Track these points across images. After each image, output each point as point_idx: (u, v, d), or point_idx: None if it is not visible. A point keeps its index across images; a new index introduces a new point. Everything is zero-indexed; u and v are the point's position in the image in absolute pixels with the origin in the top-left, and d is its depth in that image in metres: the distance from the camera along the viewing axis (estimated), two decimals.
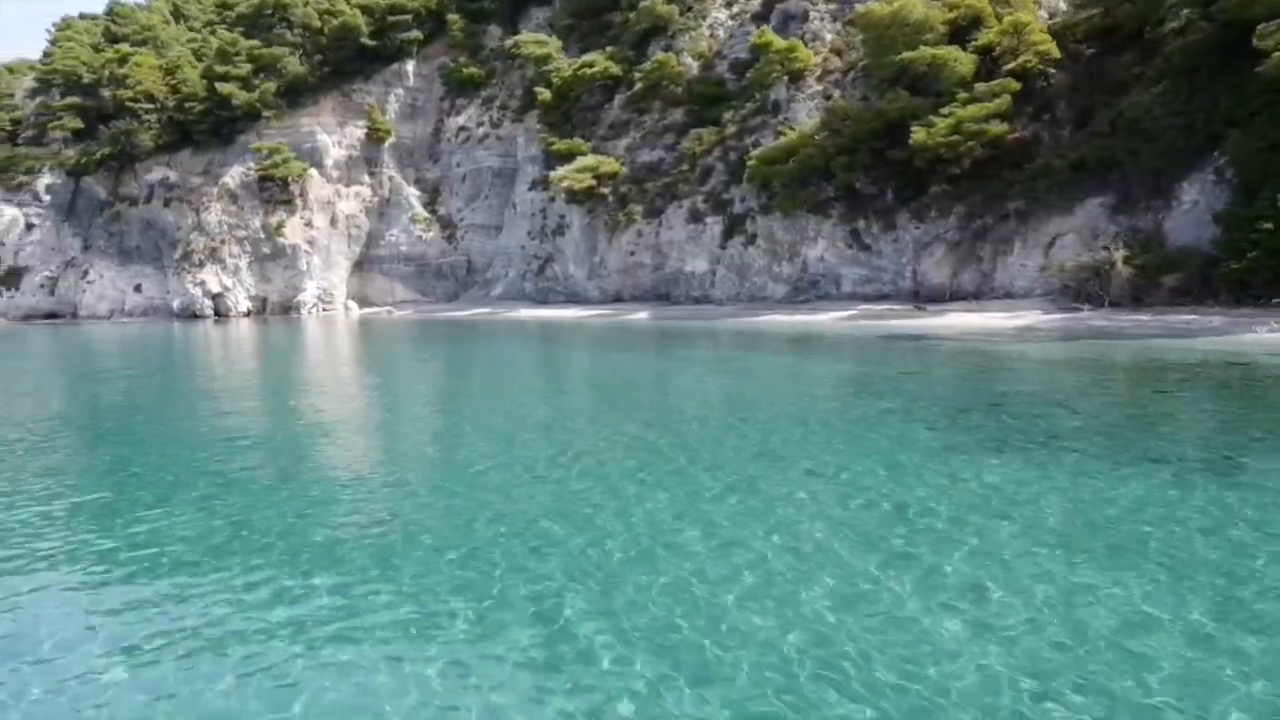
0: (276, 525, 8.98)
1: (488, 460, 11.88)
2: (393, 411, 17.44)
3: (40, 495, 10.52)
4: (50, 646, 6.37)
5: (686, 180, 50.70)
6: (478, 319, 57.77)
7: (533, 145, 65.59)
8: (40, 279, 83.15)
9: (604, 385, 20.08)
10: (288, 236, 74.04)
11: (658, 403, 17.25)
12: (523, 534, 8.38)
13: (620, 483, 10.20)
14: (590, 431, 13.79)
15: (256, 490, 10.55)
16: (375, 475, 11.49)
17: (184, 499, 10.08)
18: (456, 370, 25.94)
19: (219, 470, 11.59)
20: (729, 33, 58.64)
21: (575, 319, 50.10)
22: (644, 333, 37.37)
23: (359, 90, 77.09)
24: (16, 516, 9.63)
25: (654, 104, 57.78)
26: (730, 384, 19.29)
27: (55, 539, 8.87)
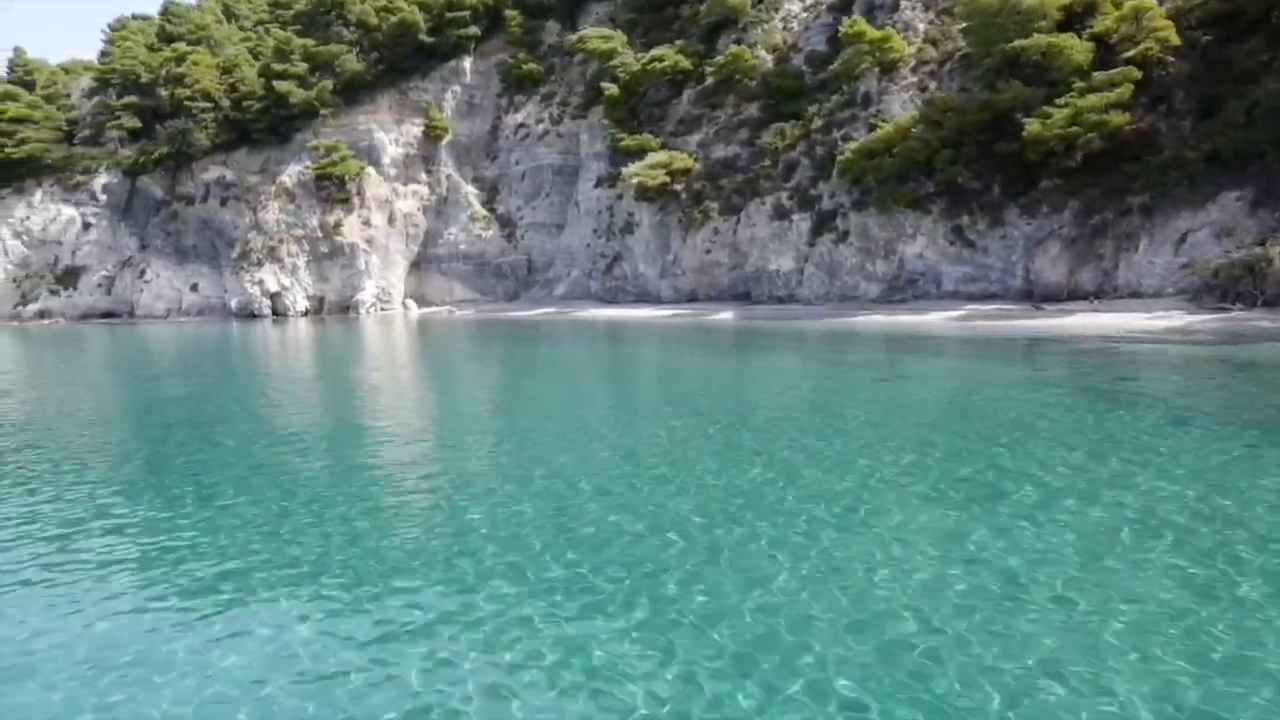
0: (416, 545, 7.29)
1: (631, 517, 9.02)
2: (491, 430, 15.10)
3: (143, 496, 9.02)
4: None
5: (768, 176, 48.77)
6: (544, 319, 56.13)
7: (597, 142, 63.91)
8: (97, 278, 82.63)
9: (757, 401, 17.47)
10: (345, 235, 72.89)
11: (867, 423, 15.18)
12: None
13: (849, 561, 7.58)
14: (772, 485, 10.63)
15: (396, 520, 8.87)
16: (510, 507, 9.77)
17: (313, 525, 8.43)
18: (545, 379, 23.65)
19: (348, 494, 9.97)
20: (803, 25, 56.65)
21: (652, 319, 48.30)
22: (744, 334, 35.48)
23: (416, 88, 75.78)
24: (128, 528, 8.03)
25: (727, 98, 55.89)
26: (922, 393, 17.38)
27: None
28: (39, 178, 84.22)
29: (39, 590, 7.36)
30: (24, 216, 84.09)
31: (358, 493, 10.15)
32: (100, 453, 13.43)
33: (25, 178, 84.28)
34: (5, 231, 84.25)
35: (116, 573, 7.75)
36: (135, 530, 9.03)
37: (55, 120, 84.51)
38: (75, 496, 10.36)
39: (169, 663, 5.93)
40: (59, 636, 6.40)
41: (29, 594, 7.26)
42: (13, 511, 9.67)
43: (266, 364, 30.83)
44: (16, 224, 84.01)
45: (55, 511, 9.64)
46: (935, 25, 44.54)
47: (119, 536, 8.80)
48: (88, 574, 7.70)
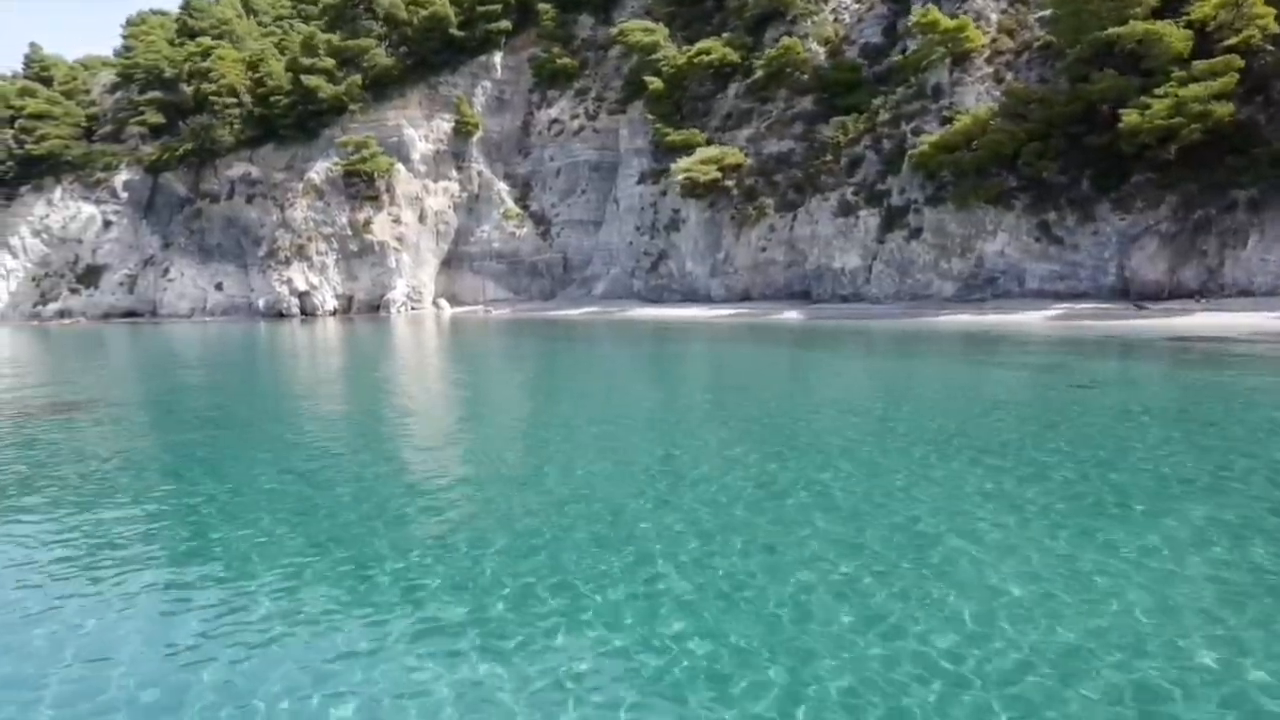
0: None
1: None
2: (564, 457, 12.64)
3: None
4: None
5: (830, 171, 46.65)
6: (588, 319, 53.91)
7: (638, 137, 61.73)
8: (119, 277, 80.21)
9: (964, 426, 13.20)
10: (375, 233, 70.60)
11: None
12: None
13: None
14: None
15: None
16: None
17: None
18: (622, 390, 21.24)
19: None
20: (856, 17, 54.56)
21: (708, 319, 46.15)
22: (830, 335, 33.29)
23: (445, 83, 73.45)
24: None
25: (778, 92, 53.74)
26: (1177, 405, 15.24)
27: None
28: (59, 175, 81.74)
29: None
30: (43, 214, 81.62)
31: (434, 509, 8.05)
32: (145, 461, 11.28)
33: (44, 175, 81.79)
34: (24, 230, 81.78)
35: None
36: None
37: (75, 116, 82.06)
38: (140, 518, 8.24)
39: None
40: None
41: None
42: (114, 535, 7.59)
43: (306, 367, 28.61)
44: (36, 222, 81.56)
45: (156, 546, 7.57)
46: (1009, 15, 42.48)
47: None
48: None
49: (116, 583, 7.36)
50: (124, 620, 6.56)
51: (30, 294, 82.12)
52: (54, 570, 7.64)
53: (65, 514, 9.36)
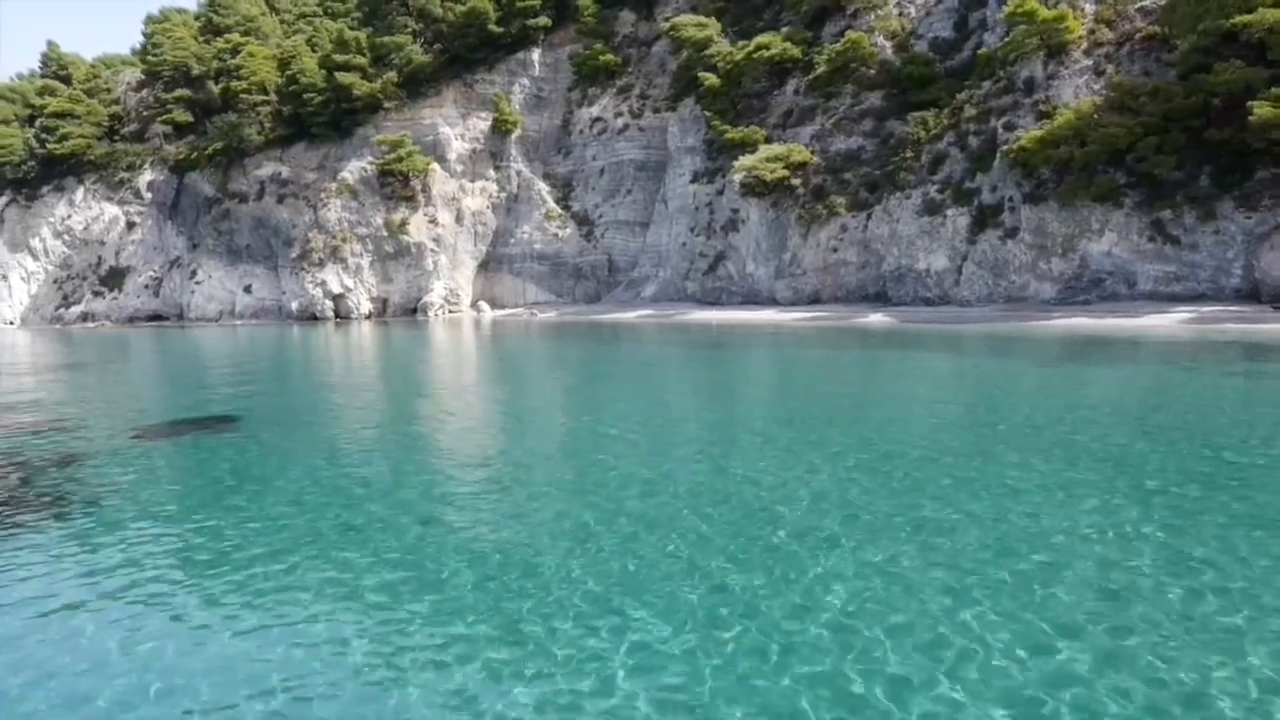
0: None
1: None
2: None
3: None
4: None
5: (910, 169, 44.16)
6: (641, 322, 51.21)
7: (689, 135, 59.16)
8: (144, 280, 77.20)
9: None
10: (412, 234, 67.84)
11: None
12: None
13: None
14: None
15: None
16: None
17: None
18: (716, 400, 18.73)
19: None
20: (922, 11, 52.13)
21: (779, 322, 43.50)
22: (947, 341, 30.71)
23: (482, 80, 70.72)
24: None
25: (844, 88, 51.26)
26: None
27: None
28: (81, 175, 78.79)
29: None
30: (65, 215, 78.61)
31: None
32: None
33: (66, 175, 78.82)
34: (45, 231, 78.77)
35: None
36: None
37: (98, 115, 79.04)
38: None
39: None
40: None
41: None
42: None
43: (361, 375, 25.85)
44: (57, 223, 78.56)
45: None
46: (1107, 5, 40.06)
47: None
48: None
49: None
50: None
51: (52, 297, 79.06)
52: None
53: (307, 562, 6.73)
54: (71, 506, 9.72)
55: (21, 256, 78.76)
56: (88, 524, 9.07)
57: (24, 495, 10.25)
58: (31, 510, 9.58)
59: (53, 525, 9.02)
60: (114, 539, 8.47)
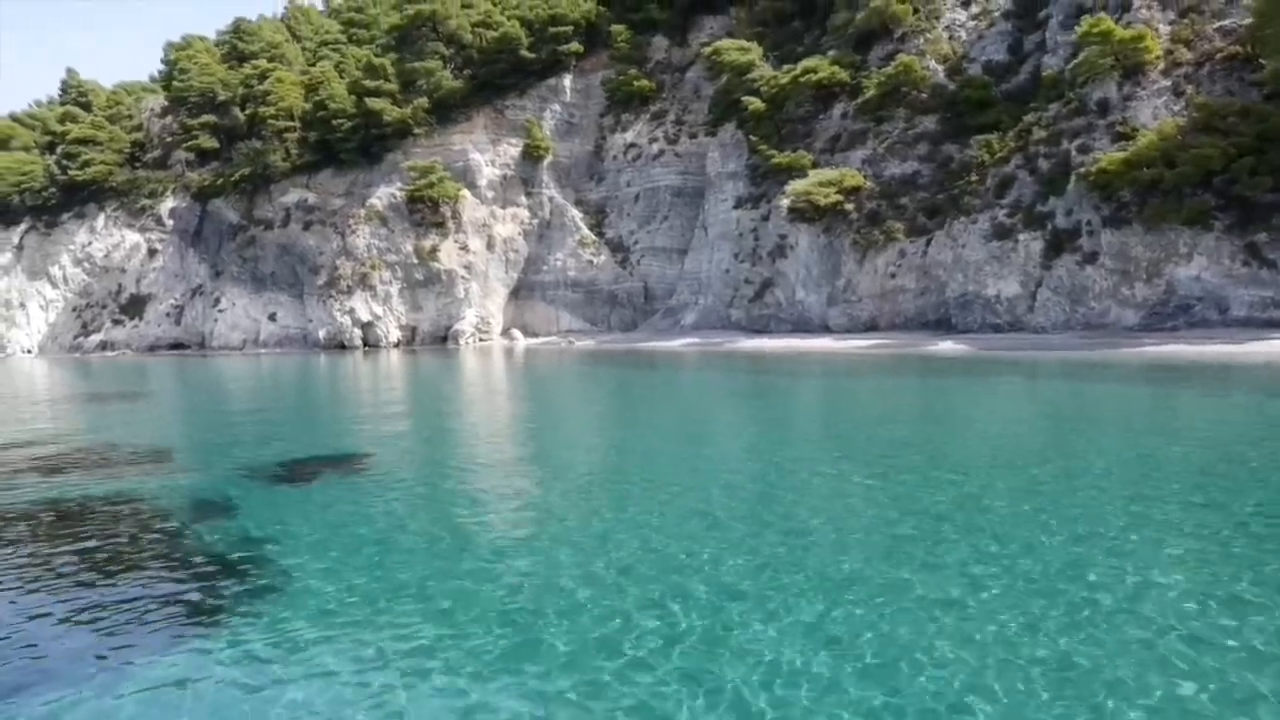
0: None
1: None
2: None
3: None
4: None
5: (975, 192, 42.50)
6: (687, 351, 49.12)
7: (730, 161, 57.58)
8: (165, 308, 75.09)
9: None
10: (442, 262, 65.96)
11: None
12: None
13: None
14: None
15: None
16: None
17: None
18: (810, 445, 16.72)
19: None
20: (973, 34, 50.86)
21: (839, 351, 41.52)
22: (1029, 369, 28.69)
23: (512, 106, 69.29)
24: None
25: (895, 112, 49.81)
26: None
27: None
28: (101, 202, 77.02)
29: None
30: (85, 243, 76.70)
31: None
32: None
33: (87, 202, 77.02)
34: (65, 258, 76.80)
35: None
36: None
37: (120, 142, 77.42)
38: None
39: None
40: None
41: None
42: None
43: (442, 404, 23.63)
44: (77, 250, 76.63)
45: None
46: (1184, 25, 38.66)
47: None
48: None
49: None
50: None
51: (71, 325, 76.84)
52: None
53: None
54: (256, 577, 7.55)
55: (40, 284, 76.67)
56: (285, 611, 6.90)
57: (191, 560, 8.10)
58: (209, 585, 7.42)
59: (244, 614, 6.85)
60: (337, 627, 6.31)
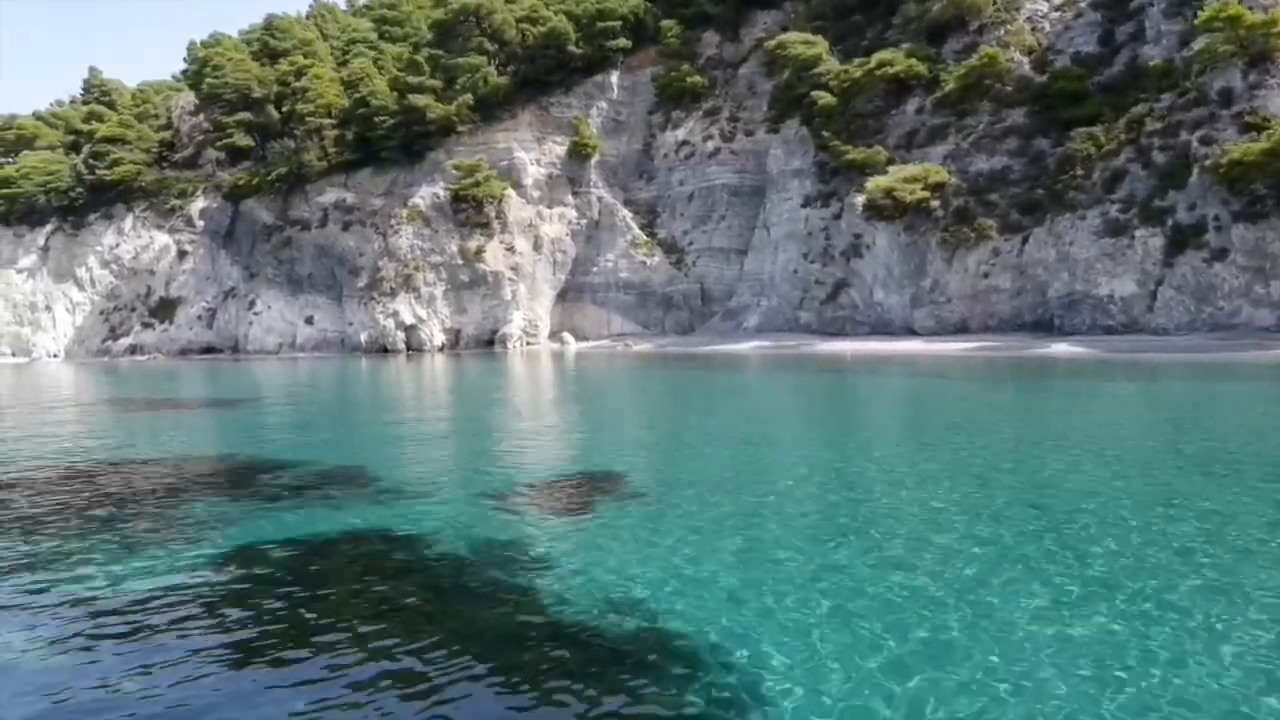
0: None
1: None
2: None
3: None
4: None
5: (1081, 187, 39.97)
6: (760, 354, 46.30)
7: (795, 158, 54.97)
8: (197, 311, 71.97)
9: None
10: (488, 263, 63.08)
11: None
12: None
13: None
14: None
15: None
16: None
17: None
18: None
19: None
20: (1057, 25, 48.48)
21: (940, 354, 38.82)
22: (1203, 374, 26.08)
23: (558, 104, 66.58)
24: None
25: (979, 105, 47.34)
26: None
27: None
28: (130, 202, 73.85)
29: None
30: (113, 244, 73.56)
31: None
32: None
33: (114, 202, 73.86)
34: (92, 260, 73.65)
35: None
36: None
37: (149, 141, 74.36)
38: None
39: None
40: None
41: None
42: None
43: (602, 415, 20.78)
44: (105, 252, 73.48)
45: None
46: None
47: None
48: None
49: None
50: None
51: (98, 329, 73.63)
52: None
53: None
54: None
55: (67, 287, 73.47)
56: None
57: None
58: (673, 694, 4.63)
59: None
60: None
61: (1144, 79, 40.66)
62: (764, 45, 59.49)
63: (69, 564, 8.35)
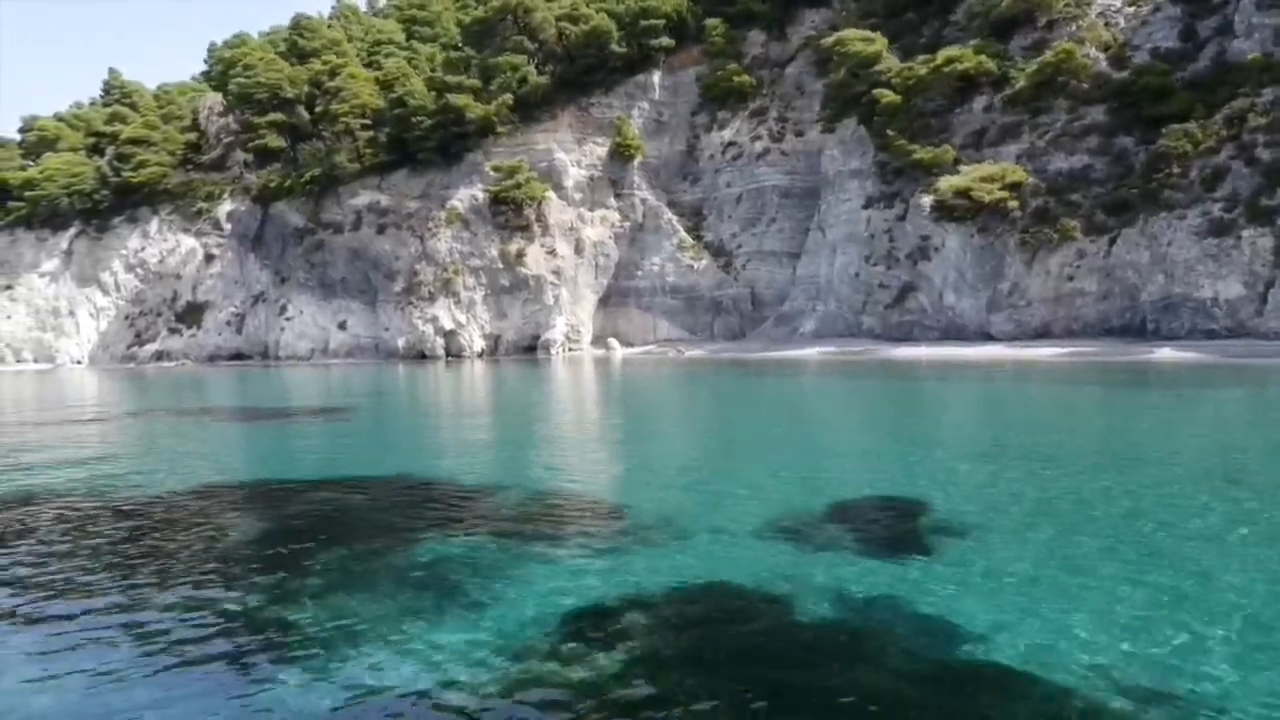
0: None
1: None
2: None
3: None
4: None
5: (1178, 186, 38.09)
6: (827, 360, 44.27)
7: (853, 158, 53.05)
8: (225, 316, 69.70)
9: None
10: (529, 267, 60.92)
11: None
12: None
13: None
14: None
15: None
16: None
17: None
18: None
19: None
20: (1132, 20, 46.68)
21: (1030, 360, 36.86)
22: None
23: (598, 104, 64.55)
24: None
25: (1054, 103, 45.48)
26: None
27: None
28: (155, 205, 71.59)
29: None
30: (138, 247, 71.31)
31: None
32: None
33: (139, 205, 71.57)
34: (116, 264, 71.37)
35: None
36: None
37: (175, 142, 72.09)
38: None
39: None
40: None
41: None
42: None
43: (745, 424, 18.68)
44: (129, 256, 71.22)
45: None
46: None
47: None
48: None
49: None
50: None
51: (123, 334, 71.28)
52: None
53: None
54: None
55: (90, 291, 71.13)
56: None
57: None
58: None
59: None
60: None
61: (1237, 73, 38.84)
62: (815, 43, 57.75)
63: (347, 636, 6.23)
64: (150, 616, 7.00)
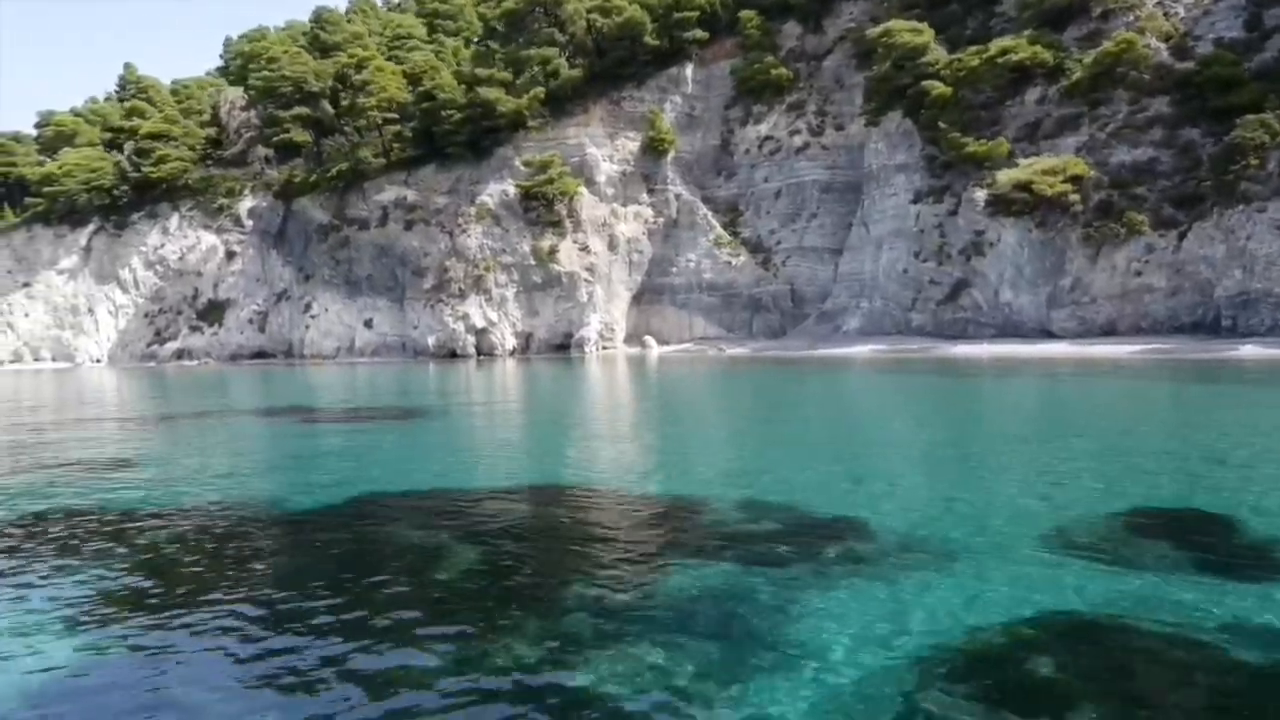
0: None
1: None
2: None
3: None
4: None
5: (1255, 178, 36.76)
6: (880, 358, 42.84)
7: (899, 152, 51.63)
8: (247, 314, 68.21)
9: None
10: (562, 263, 59.49)
11: None
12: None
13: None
14: None
15: None
16: None
17: None
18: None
19: None
20: (1193, 10, 45.38)
21: (1112, 359, 35.57)
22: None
23: (630, 98, 63.06)
24: None
25: (1113, 94, 44.14)
26: None
27: None
28: (175, 201, 70.10)
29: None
30: (158, 244, 69.80)
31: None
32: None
33: (159, 201, 70.09)
34: (136, 261, 69.85)
35: None
36: None
37: (195, 137, 70.55)
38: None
39: None
40: None
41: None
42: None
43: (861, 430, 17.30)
44: (149, 252, 69.71)
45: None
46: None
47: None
48: None
49: None
50: None
51: (143, 333, 69.76)
52: None
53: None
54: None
55: (109, 288, 69.60)
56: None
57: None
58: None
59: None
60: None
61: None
62: (857, 35, 56.19)
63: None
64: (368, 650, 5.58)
